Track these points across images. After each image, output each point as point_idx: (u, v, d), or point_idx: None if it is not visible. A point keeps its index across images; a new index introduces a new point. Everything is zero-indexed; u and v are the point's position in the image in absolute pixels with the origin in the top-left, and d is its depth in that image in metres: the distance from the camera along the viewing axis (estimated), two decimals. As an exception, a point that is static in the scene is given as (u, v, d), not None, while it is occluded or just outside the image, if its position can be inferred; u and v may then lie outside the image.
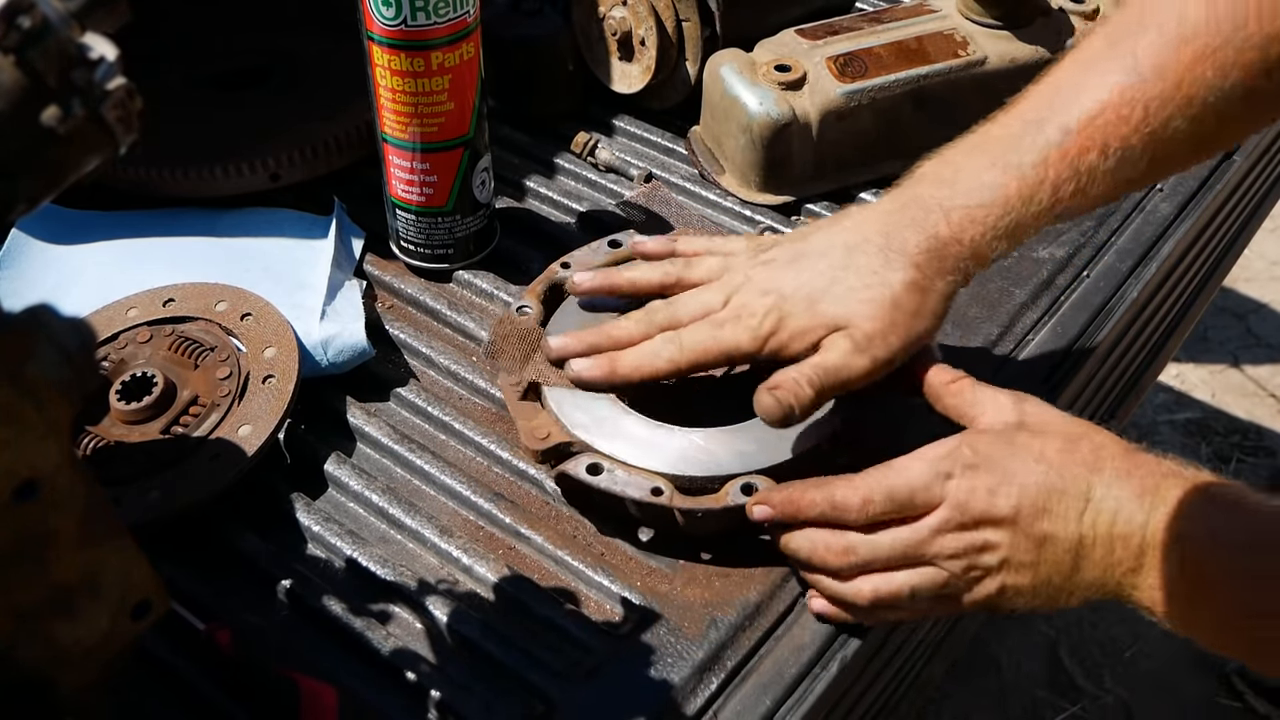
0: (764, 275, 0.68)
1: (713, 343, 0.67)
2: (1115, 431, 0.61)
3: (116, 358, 0.73)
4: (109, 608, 0.44)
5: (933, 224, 0.65)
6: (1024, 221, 0.64)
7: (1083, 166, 0.63)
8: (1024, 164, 0.64)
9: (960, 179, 0.65)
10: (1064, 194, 0.63)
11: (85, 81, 0.38)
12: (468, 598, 0.64)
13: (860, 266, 0.65)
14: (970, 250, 0.65)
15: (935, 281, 0.65)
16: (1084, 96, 0.63)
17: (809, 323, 0.65)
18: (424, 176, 0.79)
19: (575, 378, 0.68)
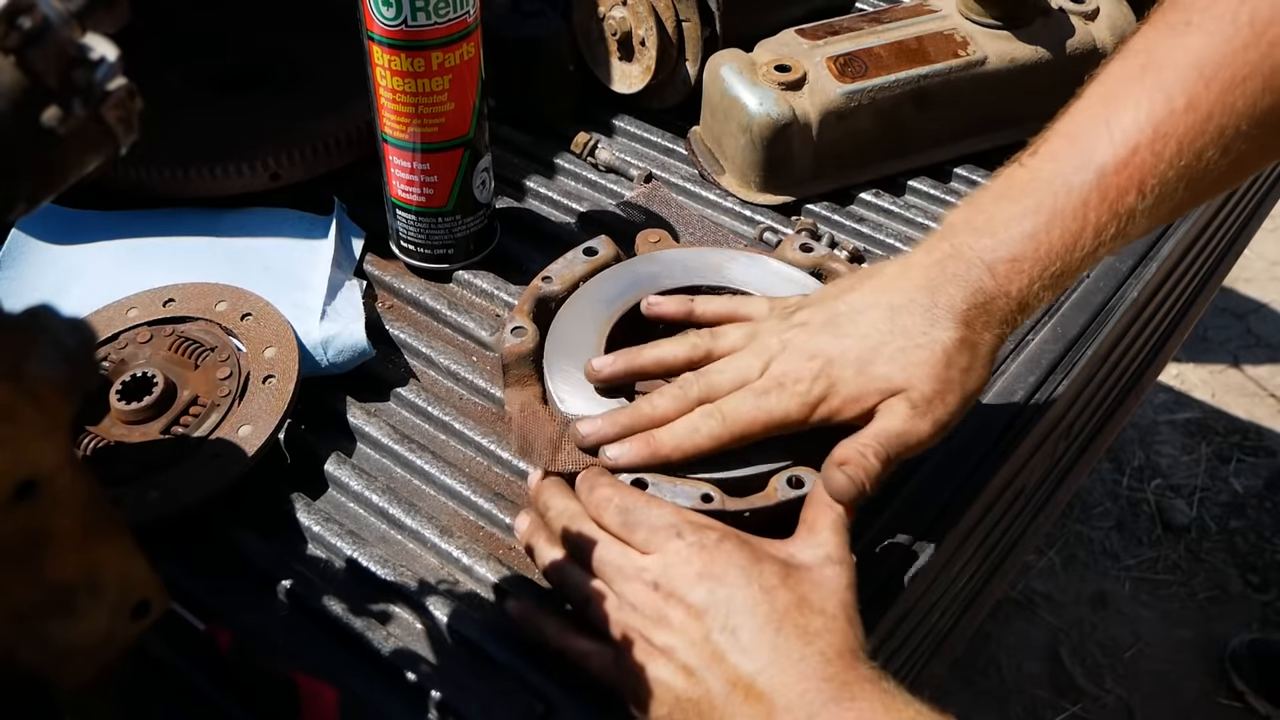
0: (802, 339, 0.65)
1: (759, 413, 0.63)
2: (1113, 433, 0.60)
3: (117, 358, 0.73)
4: (109, 607, 0.44)
5: (976, 278, 0.62)
6: (1069, 269, 0.62)
7: (1122, 209, 0.61)
8: (1063, 212, 0.61)
9: (998, 230, 0.63)
10: (1105, 237, 0.62)
11: (86, 82, 0.38)
12: (468, 598, 0.64)
13: (908, 327, 0.63)
14: (1017, 303, 0.63)
15: (983, 336, 0.63)
16: (1117, 134, 0.61)
17: (862, 388, 0.62)
18: (424, 176, 0.79)
19: (614, 466, 0.64)
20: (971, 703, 1.65)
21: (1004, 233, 0.63)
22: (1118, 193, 0.61)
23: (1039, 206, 0.62)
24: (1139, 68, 0.63)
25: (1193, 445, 2.07)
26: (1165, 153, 0.60)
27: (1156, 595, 1.84)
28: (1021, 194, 0.63)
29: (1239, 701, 1.70)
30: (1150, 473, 2.03)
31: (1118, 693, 1.69)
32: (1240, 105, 0.60)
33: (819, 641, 0.54)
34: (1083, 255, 0.62)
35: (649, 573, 0.58)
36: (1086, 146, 0.62)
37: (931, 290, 0.63)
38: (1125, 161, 0.61)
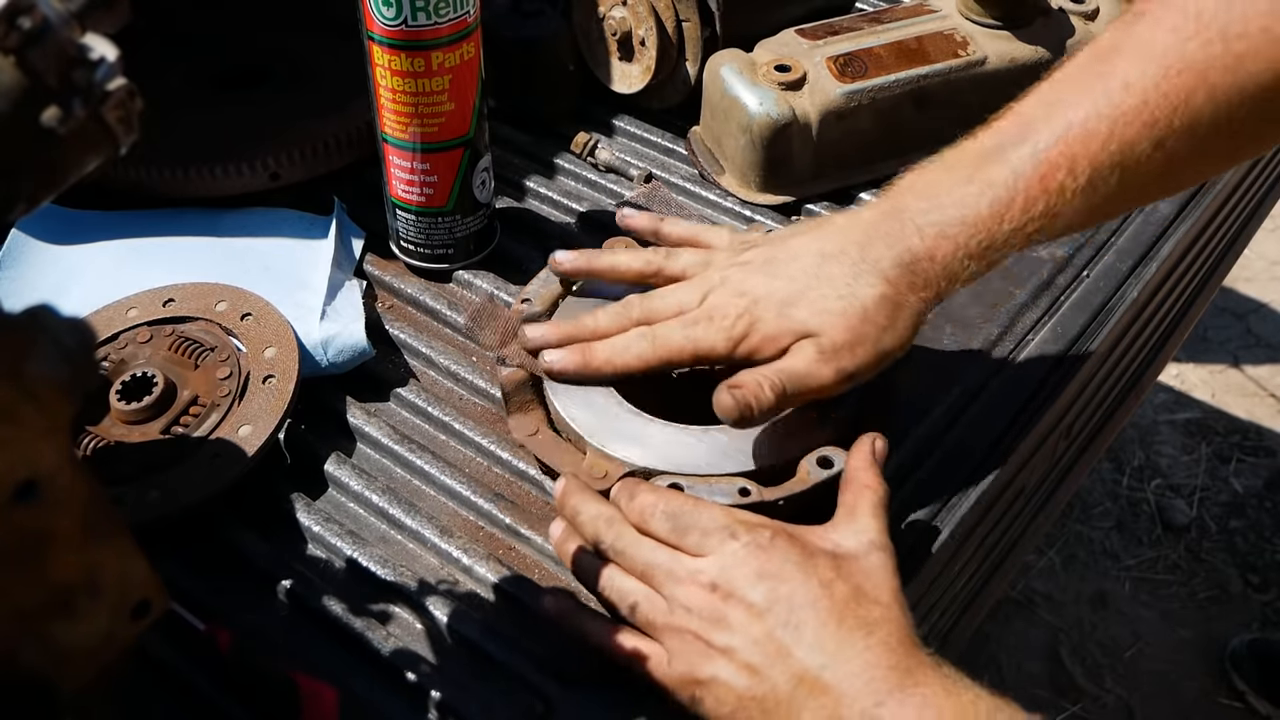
0: (739, 277, 0.67)
1: (686, 341, 0.66)
2: (1113, 433, 0.60)
3: (116, 358, 0.73)
4: (109, 608, 0.44)
5: (906, 239, 0.64)
6: (995, 241, 0.63)
7: (1052, 185, 0.62)
8: (996, 181, 0.63)
9: (937, 193, 0.65)
10: (1034, 213, 0.62)
11: (86, 82, 0.38)
12: (468, 598, 0.64)
13: (833, 276, 0.65)
14: (942, 268, 0.64)
15: (907, 297, 0.64)
16: (1057, 115, 0.63)
17: (779, 328, 0.65)
18: (424, 176, 0.79)
19: (548, 368, 0.68)
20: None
21: (939, 198, 0.64)
22: (1049, 168, 0.62)
23: (973, 176, 0.64)
24: (1092, 55, 0.64)
25: (1193, 445, 2.07)
26: (1098, 134, 0.61)
27: (1156, 595, 1.84)
28: (962, 164, 0.65)
29: (1239, 702, 1.70)
30: (1150, 473, 2.03)
31: (1118, 693, 1.69)
32: (1174, 96, 0.60)
33: (880, 631, 0.55)
34: (1010, 230, 0.63)
35: (705, 575, 0.57)
36: (1028, 124, 0.64)
37: (863, 245, 0.65)
38: (1059, 138, 0.62)
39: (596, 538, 0.62)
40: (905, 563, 0.67)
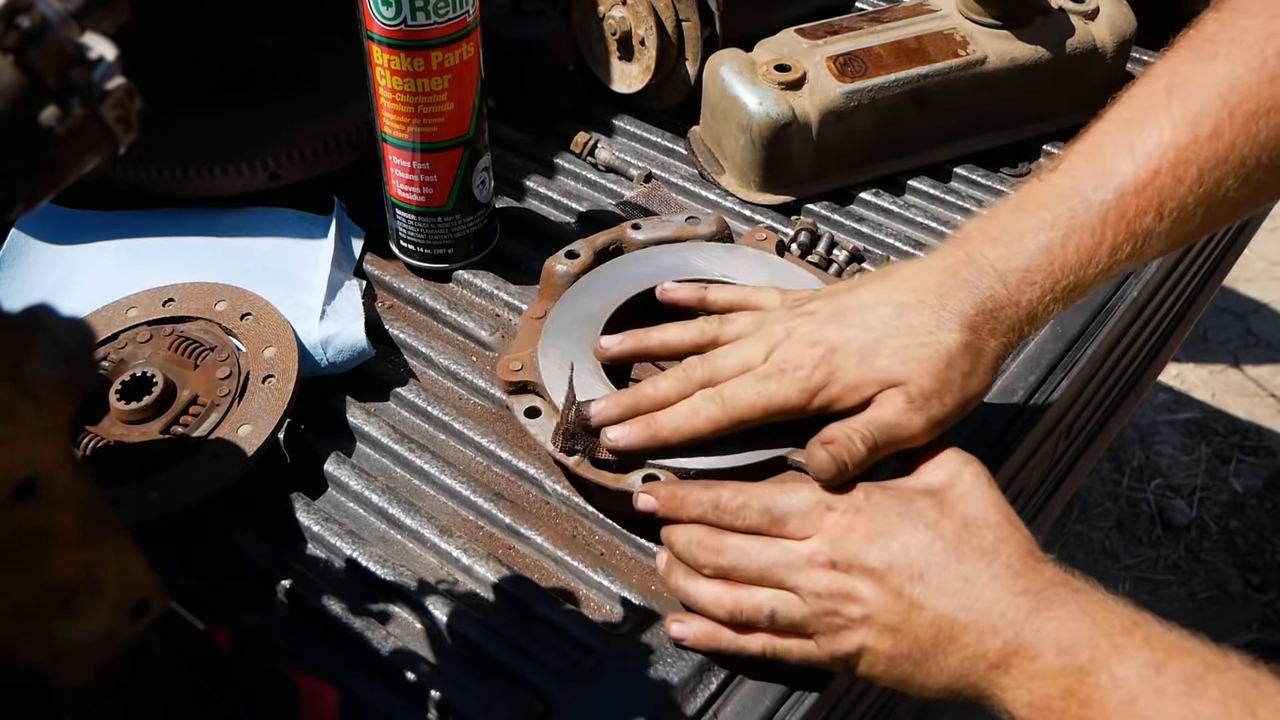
0: (809, 328, 0.65)
1: (758, 398, 0.64)
2: (1113, 433, 0.61)
3: (116, 357, 0.73)
4: (108, 607, 0.44)
5: (987, 286, 0.63)
6: (1081, 284, 0.63)
7: (1140, 229, 0.62)
8: (1080, 228, 0.62)
9: (1013, 240, 0.63)
10: (1121, 256, 0.62)
11: (84, 81, 0.38)
12: (467, 598, 0.64)
13: (914, 325, 0.63)
14: (1026, 313, 0.63)
15: (989, 342, 0.63)
16: (1139, 156, 0.62)
17: (862, 377, 0.63)
18: (424, 176, 0.79)
19: (613, 447, 0.65)
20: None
21: (1018, 243, 0.63)
22: (1136, 213, 0.61)
23: (1056, 221, 0.63)
24: (1164, 92, 0.63)
25: (1193, 445, 2.07)
26: (1186, 178, 0.61)
27: (1156, 595, 1.84)
28: (1038, 207, 0.64)
29: (1239, 701, 1.69)
30: (1150, 473, 2.03)
31: (1118, 693, 1.69)
32: (1263, 136, 0.60)
33: (1000, 555, 0.56)
34: (1096, 272, 0.62)
35: (819, 554, 0.58)
36: (1107, 166, 0.63)
37: (941, 293, 0.64)
38: (1146, 183, 0.61)
39: (696, 564, 0.61)
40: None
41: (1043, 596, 0.54)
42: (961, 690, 0.56)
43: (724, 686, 0.61)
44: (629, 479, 0.65)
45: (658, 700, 0.59)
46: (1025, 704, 0.53)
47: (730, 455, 0.65)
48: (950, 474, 0.60)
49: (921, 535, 0.57)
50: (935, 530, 0.57)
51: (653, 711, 0.59)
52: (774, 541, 0.60)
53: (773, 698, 0.60)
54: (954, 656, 0.55)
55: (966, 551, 0.56)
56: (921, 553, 0.56)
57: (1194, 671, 0.50)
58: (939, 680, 0.56)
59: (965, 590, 0.55)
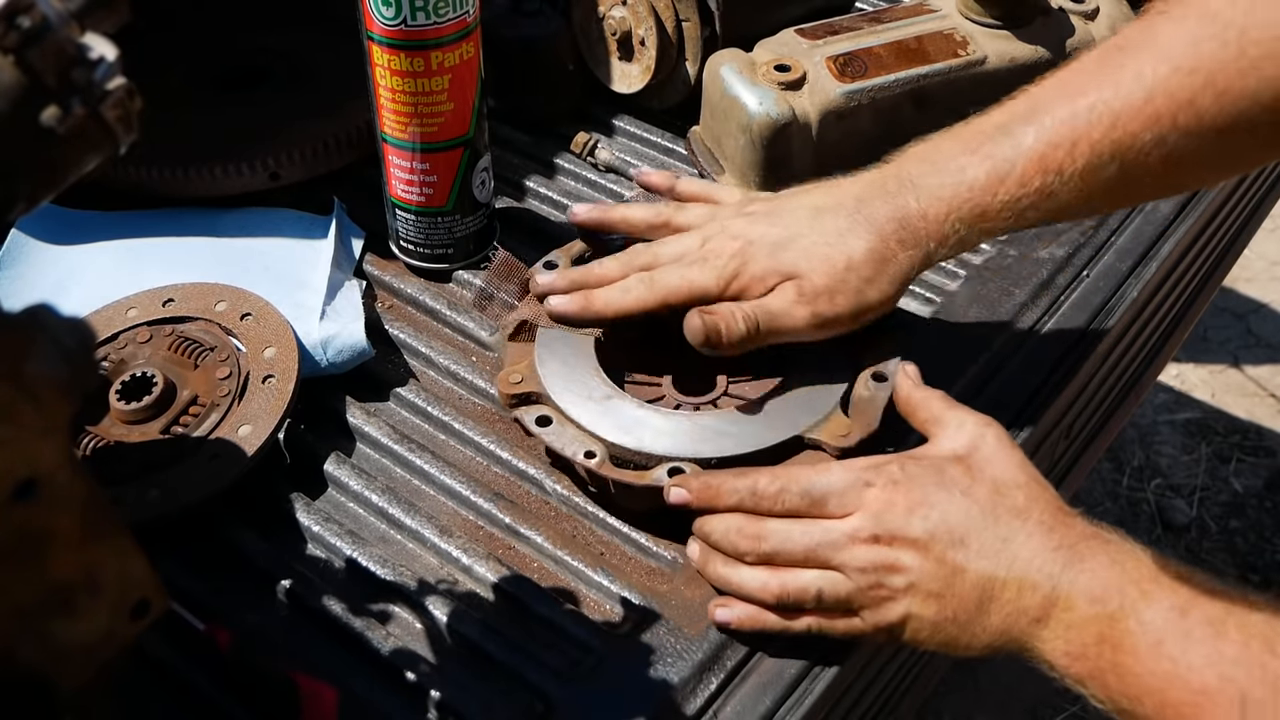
0: (739, 224, 0.70)
1: (680, 281, 0.69)
2: (1113, 433, 0.61)
3: (116, 358, 0.73)
4: (108, 607, 0.44)
5: (903, 197, 0.67)
6: (989, 210, 0.65)
7: (1050, 164, 0.64)
8: (996, 154, 0.65)
9: (939, 159, 0.67)
10: (1030, 188, 0.64)
11: (85, 81, 0.38)
12: (467, 598, 0.64)
13: (826, 226, 0.68)
14: (934, 228, 0.66)
15: (896, 253, 0.67)
16: (1066, 100, 0.64)
17: (766, 269, 0.67)
18: (424, 176, 0.79)
19: (551, 311, 0.71)
20: (971, 702, 1.65)
21: (940, 163, 0.67)
22: (1049, 147, 0.64)
23: (977, 147, 0.66)
24: (1110, 48, 0.66)
25: (1193, 445, 2.07)
26: (1101, 121, 0.63)
27: (1156, 595, 1.84)
28: (969, 136, 0.68)
29: (1239, 701, 1.69)
30: (1150, 473, 2.03)
31: (1118, 693, 1.69)
32: (1179, 94, 0.61)
33: (1033, 514, 0.58)
34: (1004, 200, 0.65)
35: (861, 530, 0.59)
36: (1038, 106, 0.66)
37: (860, 199, 0.68)
38: (1064, 120, 0.64)
39: (738, 552, 0.62)
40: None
41: (1075, 550, 0.56)
42: (1003, 646, 0.58)
43: (724, 686, 0.61)
44: (654, 474, 0.65)
45: (658, 700, 0.59)
46: (1063, 653, 0.56)
47: (748, 441, 0.66)
48: (973, 438, 0.62)
49: (958, 502, 0.59)
50: (970, 496, 0.59)
51: (653, 711, 0.59)
52: (815, 522, 0.61)
53: (773, 697, 0.60)
54: (996, 615, 0.57)
55: (1001, 513, 0.58)
56: (960, 519, 0.58)
57: (1217, 614, 0.53)
58: (982, 639, 0.58)
59: (1004, 550, 0.57)
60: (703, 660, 0.61)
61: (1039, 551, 0.57)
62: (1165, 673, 0.52)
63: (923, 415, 0.66)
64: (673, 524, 0.67)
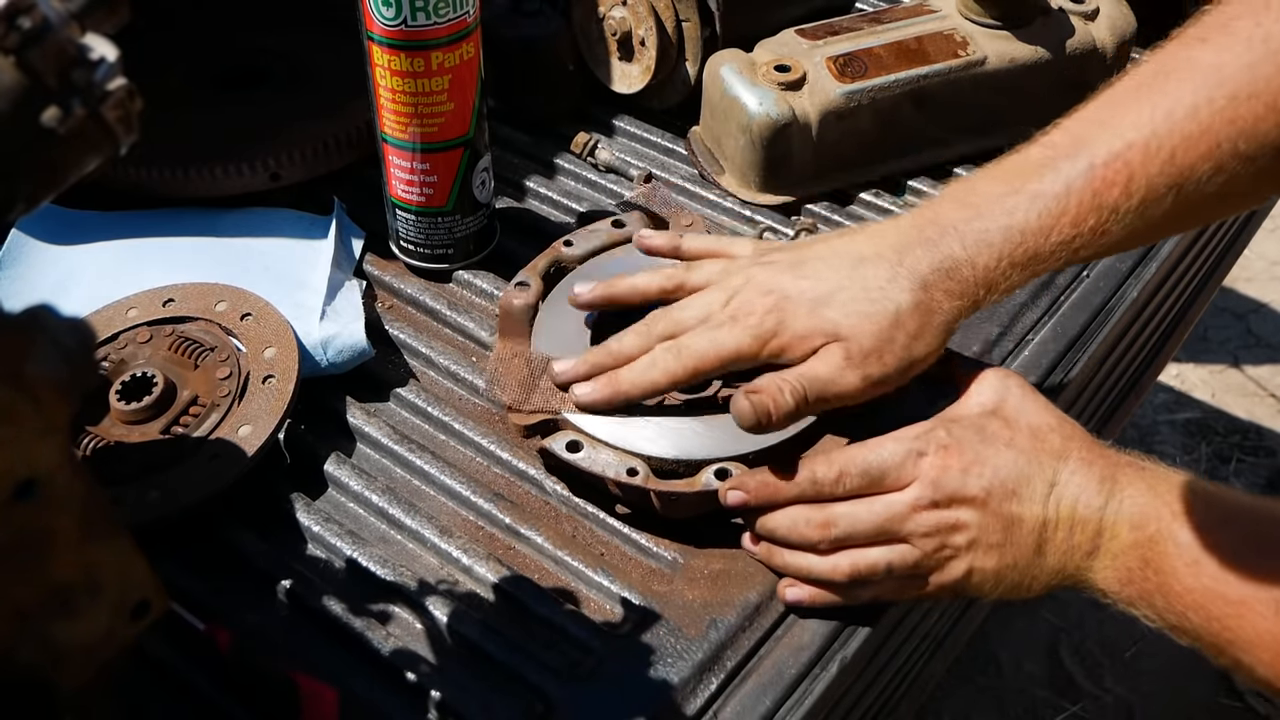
0: (765, 276, 0.66)
1: (711, 347, 0.65)
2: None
3: (116, 358, 0.73)
4: (108, 607, 0.44)
5: (947, 245, 0.64)
6: (1041, 253, 0.63)
7: (1105, 202, 0.62)
8: (1045, 193, 0.63)
9: (979, 204, 0.64)
10: (1084, 228, 0.62)
11: (85, 81, 0.38)
12: (467, 598, 0.64)
13: (867, 279, 0.64)
14: (983, 275, 0.64)
15: (942, 304, 0.64)
16: (1113, 133, 0.62)
17: (810, 327, 0.64)
18: (424, 176, 0.79)
19: (580, 404, 0.68)
20: (971, 702, 1.65)
21: (983, 206, 0.64)
22: (1103, 184, 0.62)
23: (1023, 187, 0.64)
24: (1151, 74, 0.63)
25: (1193, 445, 2.07)
26: (1158, 156, 0.61)
27: (1156, 595, 1.84)
28: (1010, 175, 0.65)
29: (1239, 701, 1.69)
30: (1150, 473, 2.03)
31: (1118, 692, 1.69)
32: (1241, 122, 0.60)
33: (1070, 453, 0.60)
34: (1058, 241, 0.63)
35: (922, 499, 0.61)
36: (1082, 140, 0.63)
37: (900, 249, 0.65)
38: (1116, 156, 0.62)
39: (809, 541, 0.62)
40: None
41: (1115, 480, 0.59)
42: (1060, 583, 0.60)
43: (724, 686, 0.61)
44: (702, 479, 0.65)
45: (658, 700, 0.59)
46: (1114, 580, 0.58)
47: (780, 431, 0.66)
48: (998, 391, 0.63)
49: (1005, 454, 0.60)
50: (1014, 446, 0.61)
51: (653, 711, 0.59)
52: (878, 498, 0.62)
53: (773, 697, 0.60)
54: (1052, 555, 0.59)
55: (1044, 457, 0.60)
56: (1010, 470, 0.60)
57: (1250, 529, 0.56)
58: (1041, 580, 0.60)
59: (1050, 494, 0.59)
60: (703, 660, 0.61)
61: (1084, 487, 0.59)
62: (1205, 589, 0.55)
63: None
64: (679, 527, 0.67)
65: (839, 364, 0.63)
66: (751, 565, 0.66)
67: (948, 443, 0.61)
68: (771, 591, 0.65)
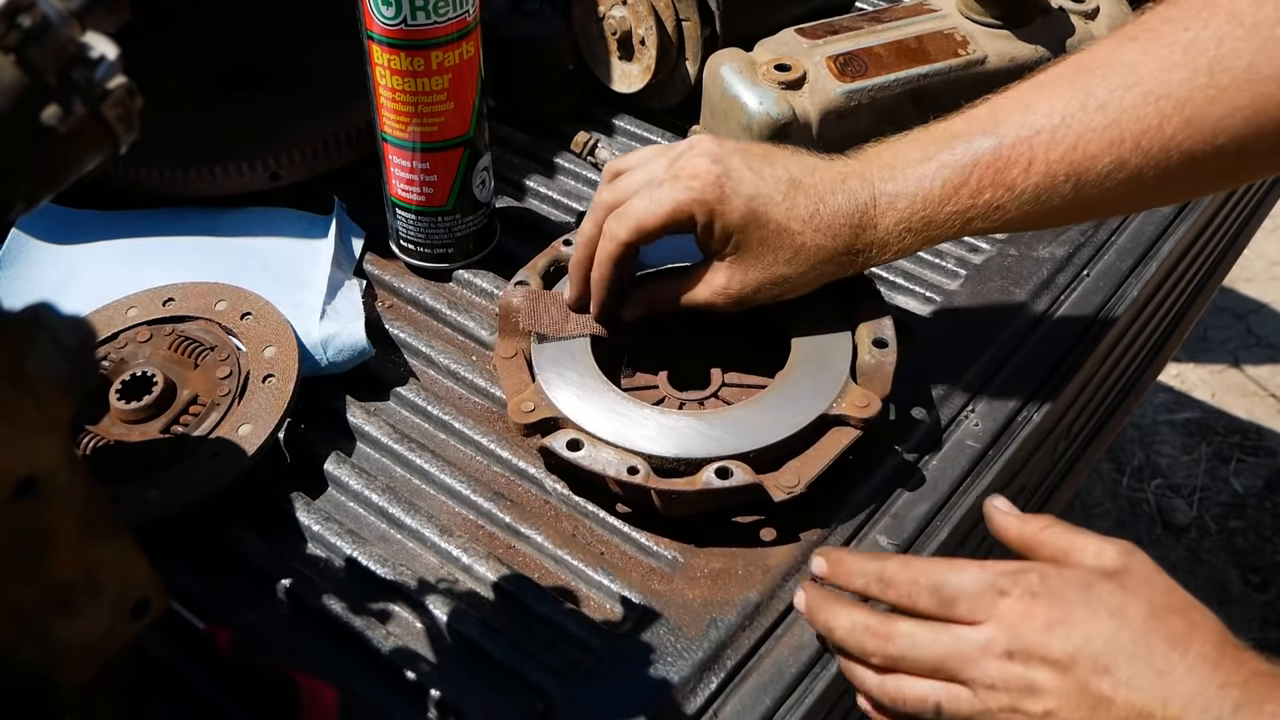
0: (713, 147, 0.67)
1: (651, 205, 0.66)
2: (1113, 433, 0.60)
3: (116, 357, 0.73)
4: (109, 606, 0.44)
5: (862, 201, 0.66)
6: (935, 219, 0.65)
7: (1004, 180, 0.63)
8: (950, 163, 0.65)
9: (898, 165, 0.66)
10: (979, 201, 0.64)
11: (85, 80, 0.38)
12: (467, 597, 0.64)
13: (795, 205, 0.66)
14: (882, 236, 0.66)
15: (837, 255, 0.67)
16: (1027, 116, 0.64)
17: (743, 222, 0.66)
18: (424, 176, 0.79)
19: (571, 304, 0.72)
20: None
21: (898, 169, 0.66)
22: (1005, 163, 0.63)
23: (935, 155, 0.65)
24: (1077, 64, 0.65)
25: (1193, 445, 2.07)
26: (1061, 143, 0.62)
27: (1156, 595, 1.84)
28: (928, 142, 0.67)
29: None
30: (1150, 473, 2.03)
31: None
32: (1146, 121, 0.60)
33: (1194, 645, 0.51)
34: (952, 211, 0.64)
35: (996, 644, 0.54)
36: (999, 118, 0.65)
37: (824, 193, 0.67)
38: (1022, 139, 0.63)
39: (864, 651, 0.58)
40: (905, 562, 0.67)
41: (1249, 689, 0.50)
42: None
43: (724, 686, 0.61)
44: (703, 477, 0.64)
45: (658, 700, 0.59)
46: None
47: (780, 428, 0.66)
48: (1123, 555, 0.56)
49: (1106, 623, 0.52)
50: (1121, 617, 0.53)
51: (653, 711, 0.59)
52: (945, 628, 0.56)
53: (773, 697, 0.60)
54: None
55: (1156, 640, 0.52)
56: (1107, 641, 0.52)
57: None
58: None
59: (1159, 683, 0.51)
60: (703, 660, 0.61)
61: (1203, 688, 0.50)
62: None
63: (1049, 550, 0.58)
64: (679, 526, 0.67)
65: (717, 289, 0.68)
66: (752, 565, 0.66)
67: (1037, 590, 0.54)
68: (772, 591, 0.65)
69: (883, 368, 0.69)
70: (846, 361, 0.70)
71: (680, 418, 0.68)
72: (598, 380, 0.70)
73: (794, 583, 0.65)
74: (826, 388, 0.68)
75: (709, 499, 0.64)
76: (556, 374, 0.70)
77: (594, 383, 0.70)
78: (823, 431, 0.67)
